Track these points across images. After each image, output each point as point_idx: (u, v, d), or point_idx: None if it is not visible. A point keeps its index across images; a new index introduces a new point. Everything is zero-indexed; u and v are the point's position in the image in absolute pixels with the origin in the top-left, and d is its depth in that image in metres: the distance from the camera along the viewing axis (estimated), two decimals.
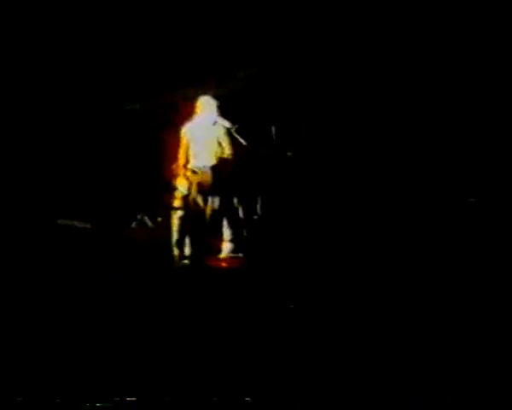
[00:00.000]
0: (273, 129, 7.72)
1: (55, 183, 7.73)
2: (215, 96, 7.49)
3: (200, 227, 7.28)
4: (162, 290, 6.15)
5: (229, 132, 7.38)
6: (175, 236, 7.31)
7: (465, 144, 7.38)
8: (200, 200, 7.32)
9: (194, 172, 7.32)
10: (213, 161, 7.37)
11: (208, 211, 7.33)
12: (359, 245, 6.82)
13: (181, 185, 7.30)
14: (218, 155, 7.40)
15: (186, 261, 7.22)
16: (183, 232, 7.29)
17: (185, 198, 7.28)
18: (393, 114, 7.62)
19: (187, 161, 7.37)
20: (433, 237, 6.69)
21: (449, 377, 4.67)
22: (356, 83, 7.73)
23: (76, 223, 7.46)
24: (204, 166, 7.35)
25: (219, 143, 7.42)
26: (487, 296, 5.57)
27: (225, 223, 7.47)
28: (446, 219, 6.90)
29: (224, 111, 7.41)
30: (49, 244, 6.94)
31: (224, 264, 7.23)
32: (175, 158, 7.41)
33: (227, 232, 7.48)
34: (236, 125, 7.32)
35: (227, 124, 7.37)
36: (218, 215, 7.37)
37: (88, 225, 7.50)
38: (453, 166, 7.38)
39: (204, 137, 7.39)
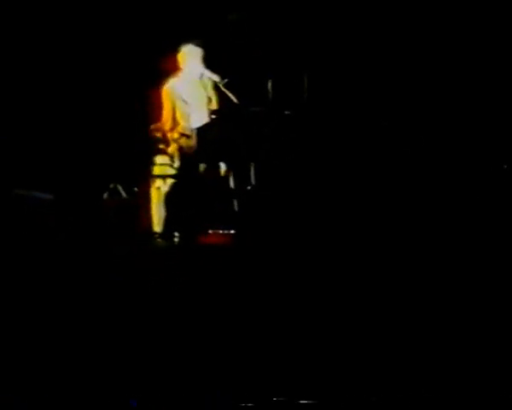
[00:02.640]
0: (269, 83, 7.14)
1: (9, 144, 7.14)
2: (199, 45, 6.97)
3: (186, 199, 6.85)
4: (141, 273, 5.75)
5: (217, 87, 6.91)
6: (155, 209, 6.84)
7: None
8: (184, 167, 6.88)
9: (185, 135, 6.84)
10: (206, 122, 6.92)
11: (194, 180, 6.89)
12: (363, 224, 6.42)
13: (167, 151, 6.89)
14: (210, 114, 6.96)
15: (170, 239, 6.79)
16: (164, 205, 6.82)
17: (169, 165, 6.88)
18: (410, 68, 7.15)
19: (175, 124, 6.91)
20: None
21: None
22: (367, 26, 7.25)
23: (35, 193, 6.80)
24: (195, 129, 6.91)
25: (210, 100, 6.99)
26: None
27: (213, 194, 6.94)
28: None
29: (210, 62, 6.94)
30: (2, 219, 6.40)
31: (212, 241, 6.78)
32: (157, 119, 6.96)
33: (216, 205, 6.92)
34: (226, 79, 6.85)
35: (215, 77, 6.86)
36: (204, 185, 6.92)
37: (49, 196, 6.86)
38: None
39: (192, 94, 6.93)
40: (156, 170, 6.87)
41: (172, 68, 6.96)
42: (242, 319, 5.03)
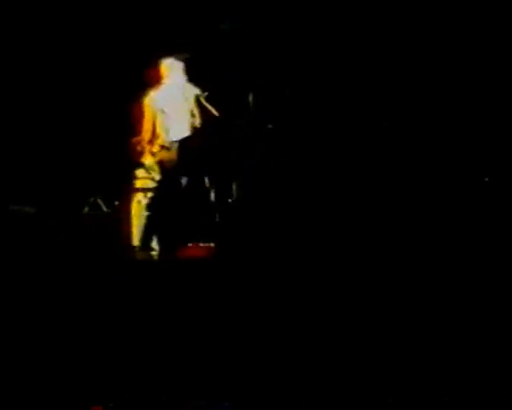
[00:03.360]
0: (250, 96, 7.08)
1: None
2: (180, 58, 6.93)
3: (166, 212, 6.78)
4: (121, 287, 5.69)
5: (197, 100, 6.85)
6: (135, 222, 6.75)
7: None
8: (165, 180, 6.82)
9: (165, 147, 6.78)
10: (187, 135, 6.87)
11: (175, 193, 6.81)
12: (348, 235, 6.33)
13: (147, 163, 6.81)
14: (192, 127, 6.92)
15: (151, 252, 6.73)
16: (144, 218, 6.75)
17: (149, 179, 6.82)
18: (393, 77, 7.10)
19: (153, 136, 6.85)
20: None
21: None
22: (353, 39, 7.18)
23: (16, 207, 6.81)
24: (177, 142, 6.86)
25: (192, 113, 6.91)
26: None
27: (194, 207, 6.85)
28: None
29: (191, 75, 6.89)
30: None
31: (192, 254, 6.66)
32: (137, 132, 6.87)
33: (196, 218, 6.84)
34: (206, 93, 6.81)
35: (196, 90, 6.83)
36: (185, 198, 6.84)
37: (32, 210, 6.85)
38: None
39: (173, 106, 6.87)
40: (137, 183, 6.80)
41: (153, 80, 6.90)
42: (223, 331, 5.05)
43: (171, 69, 6.88)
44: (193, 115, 6.90)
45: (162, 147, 6.79)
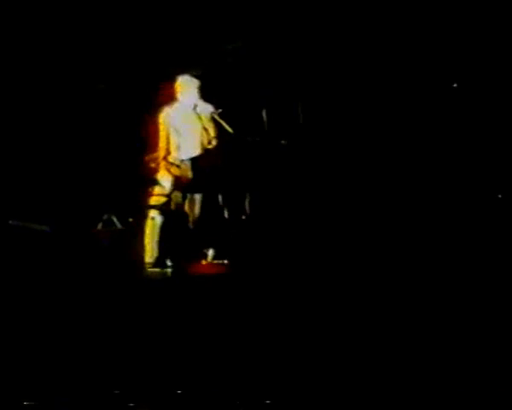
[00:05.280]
0: (264, 113, 7.17)
1: (7, 176, 7.10)
2: (196, 76, 6.94)
3: (180, 229, 6.74)
4: (134, 303, 5.70)
5: (212, 118, 6.84)
6: (148, 239, 6.74)
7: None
8: (179, 198, 6.79)
9: (176, 165, 6.79)
10: (199, 152, 6.84)
11: (189, 210, 6.79)
12: (360, 251, 6.29)
13: (162, 181, 6.80)
14: (205, 144, 6.90)
15: (164, 269, 6.65)
16: (158, 235, 6.72)
17: (164, 195, 6.78)
18: (403, 93, 7.08)
19: (167, 153, 6.86)
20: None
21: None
22: (362, 55, 7.18)
23: (31, 225, 6.77)
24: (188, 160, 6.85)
25: (206, 131, 6.90)
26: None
27: (207, 224, 6.85)
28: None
29: (206, 93, 6.90)
30: None
31: (207, 271, 6.68)
32: (151, 149, 6.90)
33: (210, 235, 6.85)
34: (220, 110, 6.79)
35: (210, 108, 6.82)
36: (200, 215, 6.83)
37: (45, 228, 6.82)
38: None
39: (186, 124, 6.87)
40: (151, 200, 6.80)
41: (168, 98, 6.92)
42: (235, 348, 5.05)
43: (186, 87, 6.89)
44: (207, 133, 6.89)
45: (172, 164, 6.79)
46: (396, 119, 7.04)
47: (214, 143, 6.88)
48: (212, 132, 6.90)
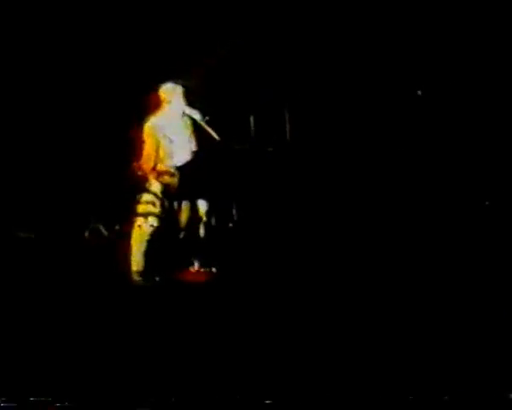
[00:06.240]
0: (251, 120, 7.18)
1: None
2: (181, 82, 6.91)
3: (167, 237, 6.74)
4: (121, 312, 5.72)
5: (198, 125, 6.82)
6: (135, 247, 6.70)
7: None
8: (167, 205, 6.76)
9: (169, 173, 6.73)
10: (188, 159, 6.81)
11: (176, 218, 6.79)
12: (351, 260, 6.37)
13: (152, 189, 6.73)
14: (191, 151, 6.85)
15: (151, 277, 6.65)
16: (145, 243, 6.69)
17: (151, 203, 6.72)
18: (394, 101, 7.14)
19: (157, 161, 6.81)
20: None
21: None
22: (352, 62, 7.22)
23: (17, 232, 6.87)
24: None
25: (192, 137, 6.88)
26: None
27: (195, 232, 6.86)
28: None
29: (192, 100, 6.86)
30: None
31: (193, 279, 6.69)
32: (138, 157, 6.84)
33: (197, 242, 6.87)
34: (207, 117, 6.77)
35: (196, 115, 6.80)
36: (187, 223, 6.83)
37: (31, 235, 6.90)
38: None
39: (175, 132, 6.83)
40: (138, 208, 6.73)
41: (153, 105, 6.88)
42: (223, 357, 4.97)
43: (171, 94, 6.85)
44: (192, 139, 6.87)
45: (166, 172, 6.75)
46: (385, 127, 7.09)
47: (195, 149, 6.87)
48: (197, 140, 6.86)
